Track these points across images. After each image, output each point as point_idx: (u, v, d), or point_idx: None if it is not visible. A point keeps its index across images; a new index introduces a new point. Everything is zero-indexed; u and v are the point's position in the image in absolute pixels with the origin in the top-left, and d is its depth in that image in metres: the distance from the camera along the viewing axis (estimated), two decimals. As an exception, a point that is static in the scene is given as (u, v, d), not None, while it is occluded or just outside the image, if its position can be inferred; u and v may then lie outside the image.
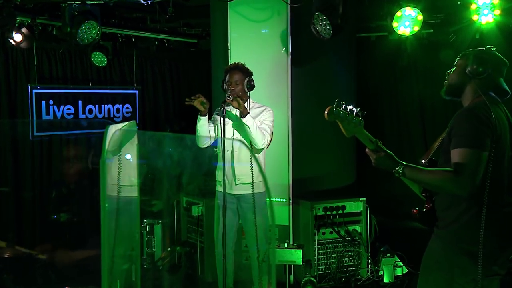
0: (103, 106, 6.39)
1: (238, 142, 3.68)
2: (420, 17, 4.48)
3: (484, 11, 4.48)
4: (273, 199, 4.53)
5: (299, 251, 4.12)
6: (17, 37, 4.86)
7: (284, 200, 4.60)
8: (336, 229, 4.61)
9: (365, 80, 5.95)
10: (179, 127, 6.87)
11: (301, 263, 4.16)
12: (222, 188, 3.53)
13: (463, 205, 2.22)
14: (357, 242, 4.64)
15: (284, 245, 4.22)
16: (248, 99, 3.79)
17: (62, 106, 5.94)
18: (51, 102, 5.81)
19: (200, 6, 5.59)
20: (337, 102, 2.16)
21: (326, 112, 2.16)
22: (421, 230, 2.49)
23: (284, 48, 4.57)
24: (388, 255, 4.61)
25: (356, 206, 4.70)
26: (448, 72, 2.45)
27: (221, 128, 3.56)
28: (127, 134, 2.32)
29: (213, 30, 5.23)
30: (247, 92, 3.76)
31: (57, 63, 6.04)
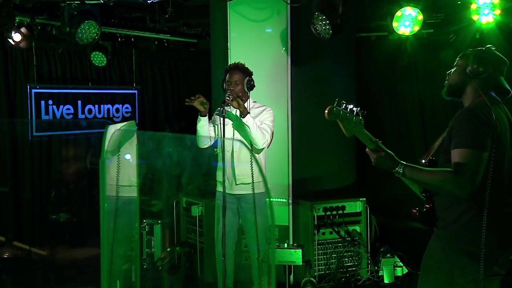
0: (102, 106, 6.38)
1: (238, 142, 3.67)
2: (420, 17, 4.47)
3: (484, 11, 4.47)
4: (273, 199, 4.52)
5: (299, 251, 4.12)
6: (16, 36, 4.85)
7: (284, 200, 4.60)
8: (336, 229, 4.60)
9: (365, 80, 5.94)
10: (178, 127, 6.86)
11: (301, 263, 4.16)
12: (222, 188, 3.52)
13: (463, 205, 2.22)
14: (357, 242, 4.64)
15: (284, 245, 4.21)
16: (248, 99, 3.78)
17: (61, 106, 5.93)
18: (50, 102, 5.80)
19: (199, 6, 5.58)
20: (337, 101, 2.15)
21: (326, 112, 2.15)
22: (421, 230, 2.48)
23: (284, 48, 4.56)
24: (388, 255, 4.60)
25: (356, 206, 4.69)
26: (448, 72, 2.44)
27: (221, 128, 3.55)
28: (127, 134, 2.31)
29: (212, 30, 5.22)
30: (247, 92, 3.75)
31: (57, 63, 6.03)
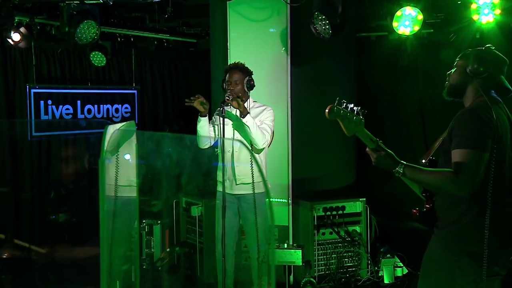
0: (102, 106, 6.38)
1: (238, 143, 3.66)
2: (420, 16, 4.46)
3: (485, 11, 4.46)
4: (272, 200, 4.51)
5: (298, 252, 4.11)
6: (16, 36, 4.84)
7: (284, 201, 4.59)
8: (336, 229, 4.60)
9: (365, 80, 5.93)
10: (178, 127, 6.86)
11: (300, 263, 4.15)
12: (222, 188, 3.51)
13: (463, 205, 2.21)
14: (357, 242, 4.63)
15: (284, 245, 4.21)
16: (248, 98, 3.77)
17: (60, 106, 5.92)
18: (49, 102, 5.79)
19: (199, 6, 5.57)
20: (338, 100, 2.14)
21: (327, 111, 2.14)
22: (421, 231, 2.48)
23: (284, 48, 4.55)
24: (388, 255, 4.60)
25: (356, 206, 4.68)
26: (448, 73, 2.43)
27: (221, 128, 3.54)
28: (126, 134, 2.30)
29: (212, 29, 5.21)
30: (247, 92, 3.74)
31: (56, 63, 6.02)
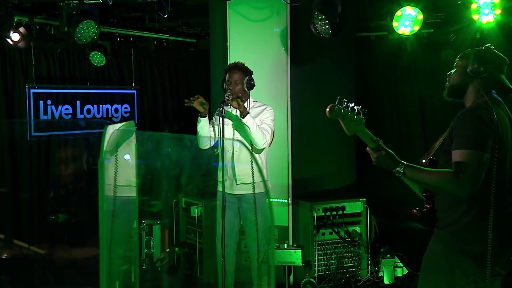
0: (101, 106, 6.37)
1: (238, 143, 3.65)
2: (420, 16, 4.46)
3: (485, 11, 4.46)
4: (272, 200, 4.50)
5: (298, 252, 4.10)
6: (15, 36, 4.84)
7: (284, 201, 4.58)
8: (336, 229, 4.59)
9: (365, 79, 5.93)
10: (177, 127, 6.85)
11: (300, 264, 4.14)
12: (222, 188, 3.50)
13: (463, 206, 2.21)
14: (357, 243, 4.62)
15: (284, 246, 4.20)
16: (248, 98, 3.77)
17: (60, 106, 5.92)
18: (49, 102, 5.78)
19: (199, 6, 5.56)
20: (338, 99, 2.13)
21: (327, 110, 2.13)
22: (421, 231, 2.47)
23: (284, 48, 4.55)
24: (388, 256, 4.59)
25: (356, 206, 4.68)
26: (448, 73, 2.43)
27: (220, 128, 3.53)
28: (125, 134, 2.30)
29: (212, 29, 5.21)
30: (247, 92, 3.73)
31: (55, 62, 6.01)
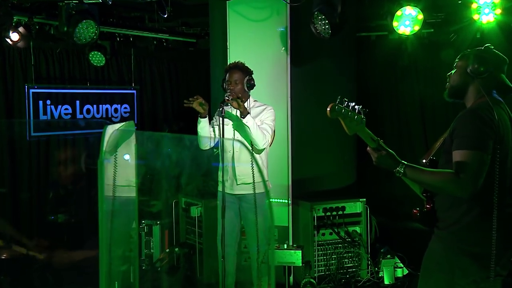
0: (101, 106, 6.36)
1: (239, 143, 3.65)
2: (421, 16, 4.45)
3: (485, 10, 4.45)
4: (272, 200, 4.49)
5: (298, 252, 4.09)
6: (14, 36, 4.83)
7: (284, 201, 4.58)
8: (336, 230, 4.58)
9: (365, 79, 5.92)
10: (177, 127, 6.84)
11: (300, 264, 4.13)
12: (222, 188, 3.50)
13: (464, 206, 2.21)
14: (357, 243, 4.61)
15: (284, 246, 4.19)
16: (248, 98, 3.76)
17: (59, 106, 5.91)
18: (48, 102, 5.78)
19: (198, 5, 5.56)
20: (339, 99, 2.13)
21: (328, 109, 2.12)
22: (422, 231, 2.47)
23: (284, 48, 4.54)
24: (389, 256, 4.58)
25: (356, 206, 4.67)
26: (448, 74, 2.42)
27: (220, 128, 3.52)
28: (125, 134, 2.29)
29: (212, 29, 5.20)
30: (247, 91, 3.73)
31: (55, 62, 6.01)
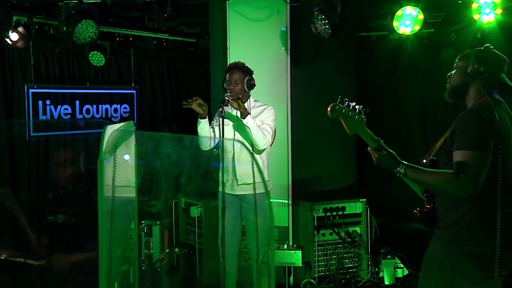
0: (100, 106, 6.35)
1: (239, 143, 3.64)
2: (421, 16, 4.45)
3: (486, 10, 4.45)
4: (272, 200, 4.49)
5: (298, 253, 4.09)
6: (14, 36, 4.82)
7: (284, 201, 4.57)
8: (336, 230, 4.58)
9: (365, 79, 5.92)
10: (177, 127, 6.83)
11: (300, 264, 4.13)
12: (222, 188, 3.49)
13: (464, 206, 2.20)
14: (357, 243, 4.61)
15: (284, 246, 4.19)
16: (248, 98, 3.75)
17: (59, 106, 5.90)
18: (48, 102, 5.77)
19: (198, 5, 5.55)
20: (340, 99, 2.13)
21: (329, 109, 2.12)
22: (422, 231, 2.47)
23: (284, 47, 4.53)
24: (389, 256, 4.58)
25: (356, 207, 4.67)
26: (448, 75, 2.42)
27: (220, 128, 3.52)
28: (125, 134, 2.28)
29: (211, 29, 5.19)
30: (247, 91, 3.72)
31: (54, 62, 6.00)
